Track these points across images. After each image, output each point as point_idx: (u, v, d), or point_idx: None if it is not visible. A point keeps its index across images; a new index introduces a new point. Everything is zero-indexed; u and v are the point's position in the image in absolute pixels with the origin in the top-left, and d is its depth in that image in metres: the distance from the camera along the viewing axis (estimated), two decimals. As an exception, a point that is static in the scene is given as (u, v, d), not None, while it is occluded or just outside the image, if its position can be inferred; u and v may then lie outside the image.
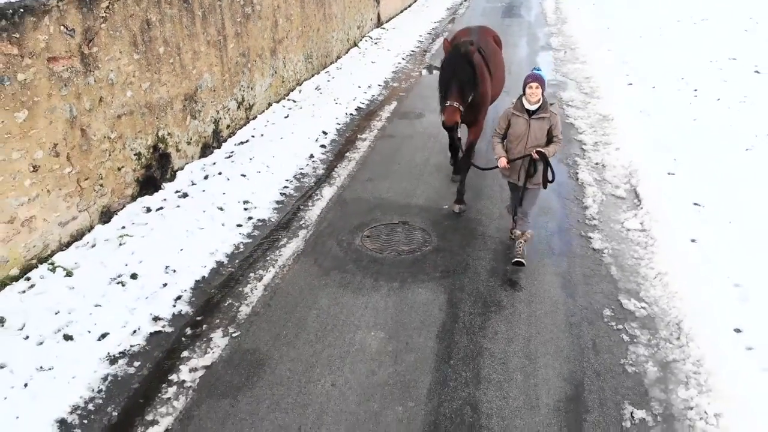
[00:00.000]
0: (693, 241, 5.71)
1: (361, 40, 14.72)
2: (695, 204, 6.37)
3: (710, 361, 4.25)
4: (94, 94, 5.65)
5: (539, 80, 5.06)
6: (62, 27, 5.22)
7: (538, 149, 5.10)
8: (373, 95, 10.75)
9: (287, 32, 10.21)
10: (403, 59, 13.39)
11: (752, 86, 9.92)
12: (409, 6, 20.41)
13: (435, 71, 10.79)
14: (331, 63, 12.55)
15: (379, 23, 16.56)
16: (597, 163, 7.73)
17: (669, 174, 7.11)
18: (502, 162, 5.29)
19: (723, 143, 7.74)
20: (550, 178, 5.23)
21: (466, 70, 5.75)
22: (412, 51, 14.21)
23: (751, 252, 5.42)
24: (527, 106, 5.12)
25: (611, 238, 5.95)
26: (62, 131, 5.30)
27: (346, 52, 13.56)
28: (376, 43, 14.72)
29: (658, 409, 3.90)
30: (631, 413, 3.85)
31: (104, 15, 5.72)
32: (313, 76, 11.52)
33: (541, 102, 5.09)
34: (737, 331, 4.52)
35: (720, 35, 13.62)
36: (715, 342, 4.41)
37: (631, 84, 10.82)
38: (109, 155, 5.94)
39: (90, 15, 5.53)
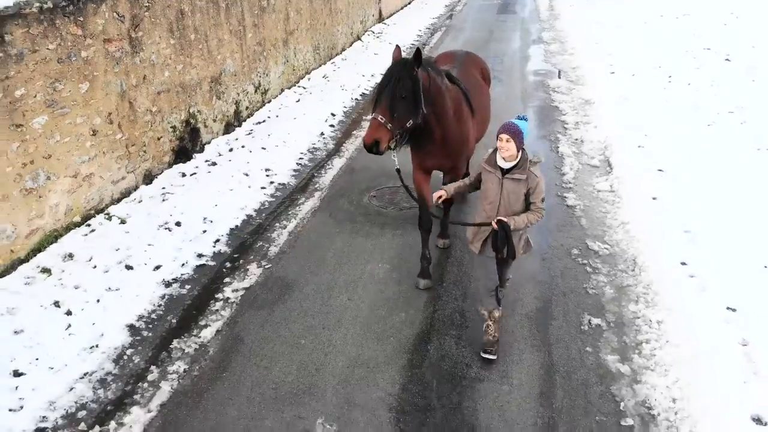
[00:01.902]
0: (654, 198, 6.66)
1: (363, 34, 15.67)
2: (659, 170, 7.31)
3: (658, 284, 5.20)
4: (139, 72, 6.60)
5: (511, 131, 3.97)
6: (115, 13, 6.17)
7: (499, 219, 4.03)
8: (376, 83, 11.67)
9: (298, 24, 11.15)
10: (403, 51, 14.30)
11: (721, 72, 10.87)
12: (409, 3, 21.35)
13: None
14: (336, 54, 13.49)
15: (380, 19, 17.50)
16: (576, 139, 8.68)
17: (639, 147, 8.04)
18: (437, 194, 4.36)
19: (689, 121, 8.69)
20: (511, 254, 4.14)
21: (407, 84, 4.41)
22: (412, 44, 15.14)
23: (702, 205, 6.36)
24: (500, 162, 4.09)
25: (583, 197, 6.90)
26: (115, 103, 6.25)
27: (350, 45, 14.51)
28: (378, 37, 15.67)
29: (611, 318, 4.85)
30: (589, 320, 4.80)
31: (147, 4, 6.66)
32: (320, 65, 12.46)
33: (518, 159, 4.04)
34: (683, 264, 5.45)
35: (699, 29, 14.57)
36: (663, 272, 5.35)
37: (613, 72, 11.76)
38: (151, 126, 6.88)
39: (136, 4, 6.47)
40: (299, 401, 3.94)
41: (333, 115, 9.72)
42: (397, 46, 5.02)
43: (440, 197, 4.35)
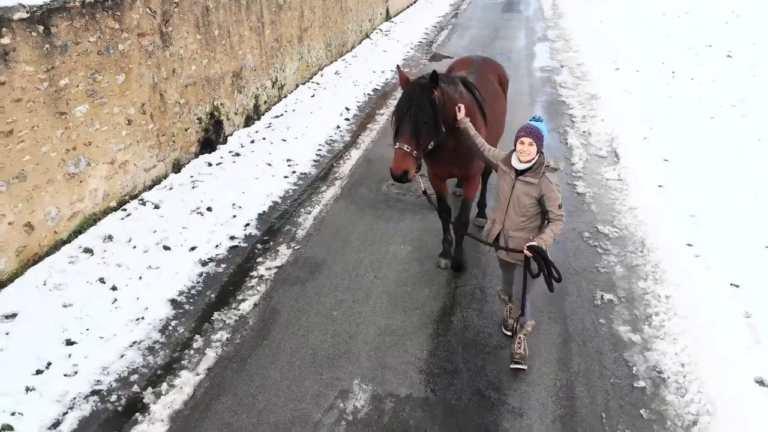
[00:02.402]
0: (660, 186, 6.98)
1: (372, 32, 15.99)
2: (665, 160, 7.63)
3: (665, 263, 5.52)
4: (169, 65, 6.92)
5: (534, 135, 3.87)
6: (148, 9, 6.48)
7: (530, 245, 3.84)
8: (387, 79, 12.01)
9: (311, 22, 11.47)
10: (412, 49, 14.65)
11: (723, 68, 11.19)
12: (415, 2, 21.67)
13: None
14: (347, 52, 13.81)
15: (387, 17, 17.82)
16: (584, 132, 9.00)
17: (644, 138, 8.36)
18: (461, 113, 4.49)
19: (692, 114, 9.01)
20: (555, 276, 3.85)
21: (426, 108, 4.38)
22: (420, 42, 15.47)
23: (706, 192, 6.68)
24: (514, 163, 4.01)
25: (592, 185, 7.21)
26: (147, 94, 6.57)
27: (360, 43, 14.82)
28: (386, 35, 15.99)
29: (622, 294, 5.16)
30: (601, 296, 5.11)
31: (176, 0, 6.98)
32: (332, 62, 12.77)
33: (533, 162, 3.93)
34: (689, 245, 5.77)
35: (701, 26, 14.89)
36: (670, 252, 5.67)
37: (618, 69, 12.08)
38: (179, 117, 7.20)
39: (167, 0, 6.79)
40: (336, 365, 4.26)
41: (347, 109, 10.04)
42: (398, 66, 5.06)
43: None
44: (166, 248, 5.65)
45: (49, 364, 4.21)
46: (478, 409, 3.90)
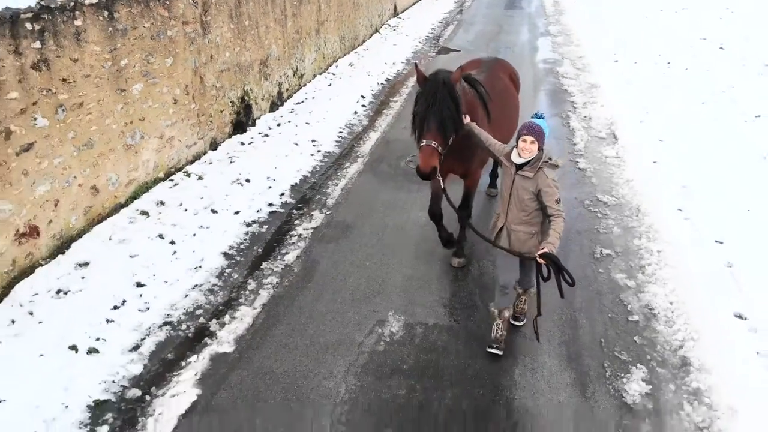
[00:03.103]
0: (654, 162, 7.66)
1: (381, 27, 16.67)
2: (659, 140, 8.32)
3: (657, 225, 6.20)
4: (207, 52, 7.60)
5: (536, 133, 3.94)
6: None
7: (543, 252, 3.82)
8: (398, 70, 12.69)
9: (327, 16, 12.16)
10: (420, 43, 15.34)
11: (715, 59, 11.88)
12: (420, -1, 22.36)
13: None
14: (358, 45, 14.50)
15: (395, 13, 18.51)
16: (585, 116, 9.67)
17: (641, 122, 9.05)
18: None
19: (685, 99, 9.70)
20: (569, 281, 3.87)
21: (448, 102, 4.43)
22: (427, 36, 16.16)
23: (696, 166, 7.36)
24: (514, 157, 4.10)
25: (593, 162, 7.90)
26: (190, 77, 7.25)
27: (370, 37, 15.51)
28: (394, 30, 16.67)
29: (619, 249, 5.84)
30: (600, 251, 5.79)
31: (214, -7, 7.67)
32: (345, 54, 13.46)
33: (532, 157, 4.00)
34: (679, 210, 6.46)
35: (696, 22, 15.58)
36: (662, 216, 6.36)
37: (617, 61, 12.77)
38: (215, 100, 7.88)
39: (206, -8, 7.48)
40: (372, 301, 4.95)
41: (363, 96, 10.71)
42: (416, 64, 5.15)
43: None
44: (214, 211, 6.34)
45: (124, 301, 4.89)
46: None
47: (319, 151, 8.26)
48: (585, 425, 3.83)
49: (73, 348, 4.34)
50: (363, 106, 10.30)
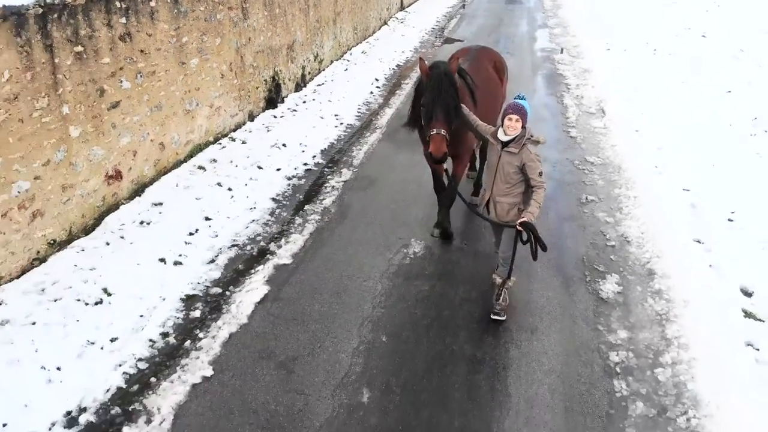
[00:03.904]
0: (636, 131, 8.78)
1: (389, 19, 17.77)
2: (642, 113, 9.43)
3: (635, 178, 7.33)
4: (247, 34, 8.71)
5: (520, 112, 4.41)
6: (234, -11, 8.29)
7: (522, 221, 4.35)
8: (407, 57, 13.81)
9: (343, 7, 13.26)
10: (426, 34, 16.45)
11: (697, 46, 13.01)
12: (424, -5, 23.43)
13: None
14: (369, 35, 15.60)
15: (401, 7, 19.61)
16: (577, 95, 10.79)
17: (627, 100, 10.17)
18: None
19: (667, 81, 10.82)
20: (542, 247, 4.39)
21: (451, 92, 4.88)
22: (432, 28, 17.27)
23: (672, 132, 8.48)
24: (500, 136, 4.55)
25: (583, 132, 9.02)
26: (233, 56, 8.36)
27: (379, 29, 16.61)
28: (402, 22, 17.78)
29: (602, 196, 6.96)
30: (586, 197, 6.92)
31: (252, -17, 8.78)
32: (357, 44, 14.56)
33: (516, 135, 4.45)
34: (655, 167, 7.57)
35: (683, 14, 16.70)
36: (639, 171, 7.48)
37: (608, 49, 13.88)
38: (252, 77, 9.00)
39: (246, -17, 8.59)
40: (397, 231, 6.07)
41: (377, 80, 11.83)
42: (421, 58, 5.47)
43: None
44: (259, 168, 7.46)
45: (197, 230, 6.01)
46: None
47: (342, 123, 9.37)
48: (568, 310, 4.95)
49: (162, 260, 5.47)
50: (377, 87, 11.41)
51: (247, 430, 3.76)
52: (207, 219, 6.21)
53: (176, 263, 5.48)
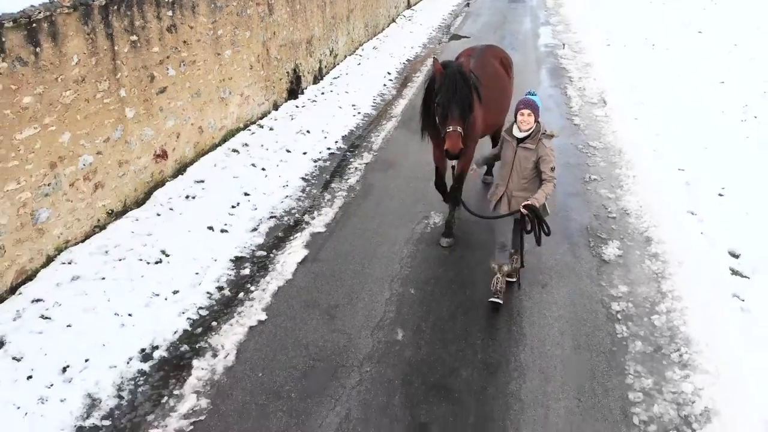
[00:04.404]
0: (636, 119, 9.40)
1: (397, 17, 18.39)
2: (641, 103, 10.05)
3: (634, 160, 7.94)
4: (272, 29, 9.33)
5: (531, 106, 4.62)
6: (260, -13, 8.91)
7: (525, 204, 4.54)
8: (417, 53, 14.43)
9: (355, 5, 13.88)
10: (433, 31, 17.07)
11: (693, 42, 13.63)
12: (430, -6, 24.05)
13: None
14: (379, 32, 16.22)
15: (408, 5, 20.23)
16: (580, 87, 11.41)
17: (626, 91, 10.78)
18: (475, 173, 5.35)
19: (664, 73, 11.44)
20: (546, 231, 4.60)
21: (465, 90, 5.10)
22: (439, 25, 17.89)
23: (669, 119, 9.10)
24: (515, 132, 4.73)
25: (585, 119, 9.64)
26: (260, 48, 8.98)
27: (388, 26, 17.22)
28: (409, 20, 18.40)
29: (604, 175, 7.58)
30: (590, 176, 7.53)
31: (276, -19, 9.40)
32: (368, 40, 15.18)
33: (531, 130, 4.66)
34: (654, 150, 8.19)
35: (681, 11, 17.32)
36: (638, 154, 8.10)
37: (609, 45, 14.49)
38: (277, 69, 9.62)
39: (271, -19, 9.21)
40: (417, 205, 6.71)
41: (389, 73, 12.45)
42: (435, 58, 5.61)
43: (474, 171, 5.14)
44: (288, 151, 8.08)
45: (238, 203, 6.63)
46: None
47: (359, 113, 9.99)
48: (574, 269, 5.57)
49: (210, 228, 6.09)
50: (390, 80, 12.03)
51: (301, 361, 4.37)
52: (246, 194, 6.83)
53: (223, 231, 6.09)
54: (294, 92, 10.30)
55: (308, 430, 3.79)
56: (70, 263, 5.23)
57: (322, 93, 10.81)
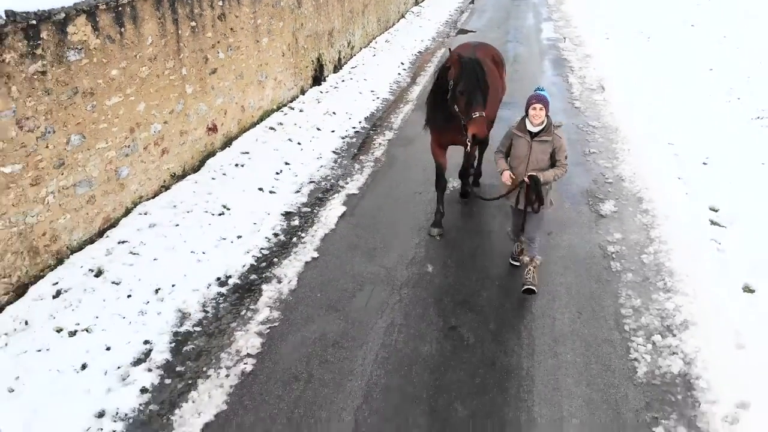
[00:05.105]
0: (631, 102, 10.32)
1: (406, 13, 19.31)
2: (636, 89, 10.97)
3: (629, 136, 8.86)
4: (300, 20, 10.25)
5: (543, 101, 4.86)
6: (290, -18, 9.83)
7: (530, 174, 4.88)
8: (427, 45, 15.35)
9: (369, 0, 14.81)
10: (441, 26, 18.00)
11: (686, 34, 14.57)
12: (435, -8, 24.96)
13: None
14: (390, 27, 17.14)
15: (416, 2, 21.16)
16: (581, 76, 12.33)
17: (624, 78, 11.71)
18: (506, 176, 5.07)
19: (658, 62, 12.37)
20: (540, 201, 4.98)
21: (484, 78, 5.36)
22: (446, 21, 18.81)
23: (661, 101, 10.02)
24: (529, 127, 4.93)
25: (585, 103, 10.56)
26: (290, 38, 9.91)
27: (398, 21, 18.15)
28: (417, 15, 19.32)
29: (602, 149, 8.50)
30: (589, 150, 8.46)
31: (304, -23, 10.33)
32: (381, 34, 16.11)
33: (544, 124, 4.93)
34: (647, 128, 9.10)
35: (675, 6, 18.26)
36: (633, 130, 9.02)
37: (608, 38, 15.41)
38: (303, 57, 10.54)
39: (299, -24, 10.14)
40: (432, 177, 7.61)
41: (402, 63, 13.37)
42: (449, 49, 5.97)
43: (509, 176, 5.05)
44: (318, 129, 9.00)
45: (281, 170, 7.55)
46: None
47: (378, 97, 10.92)
48: (575, 222, 6.49)
49: (261, 189, 7.01)
50: (404, 69, 12.96)
51: (351, 286, 5.30)
52: (286, 164, 7.75)
53: (271, 192, 7.01)
54: (318, 79, 11.22)
55: (362, 333, 4.71)
56: (145, 214, 6.16)
57: (343, 81, 11.73)
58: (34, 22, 4.79)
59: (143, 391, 4.14)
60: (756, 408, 4.03)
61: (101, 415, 3.95)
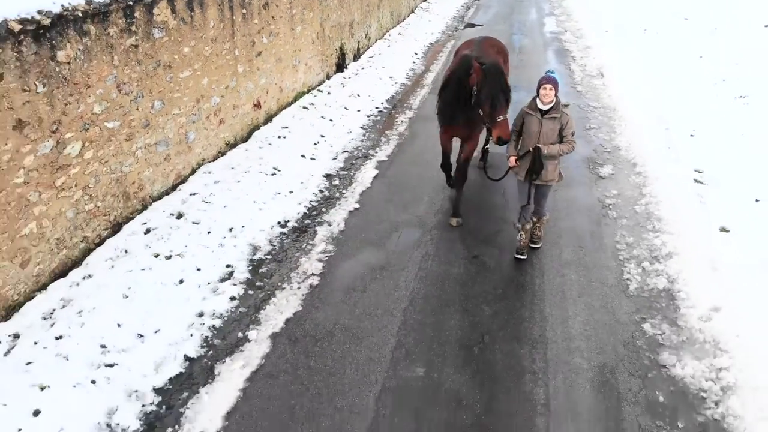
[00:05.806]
0: (628, 86, 11.33)
1: (415, 8, 20.33)
2: (632, 75, 11.98)
3: (626, 114, 9.88)
4: (326, 11, 11.27)
5: (553, 82, 5.31)
6: (319, -23, 10.84)
7: (536, 146, 5.34)
8: (437, 38, 16.37)
9: (384, -4, 15.84)
10: (449, 20, 19.02)
11: (680, 26, 15.60)
12: (441, -11, 25.97)
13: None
14: (401, 21, 18.15)
15: (424, -1, 22.18)
16: (582, 64, 13.35)
17: (621, 66, 12.72)
18: (512, 161, 5.57)
19: (654, 51, 13.38)
20: (537, 170, 5.43)
21: (505, 83, 5.73)
22: (454, 15, 19.84)
23: (655, 85, 11.04)
24: (540, 105, 5.36)
25: (586, 87, 11.58)
26: (319, 27, 10.92)
27: (408, 16, 19.16)
28: (426, 11, 20.34)
29: (601, 125, 9.51)
30: (590, 125, 9.47)
31: (330, -28, 11.34)
32: (393, 27, 17.13)
33: (553, 103, 5.34)
34: (641, 107, 10.11)
35: (670, 1, 19.29)
36: (629, 110, 10.04)
37: (607, 31, 16.44)
38: (329, 46, 11.56)
39: (326, -28, 11.15)
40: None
41: (416, 53, 14.39)
42: (473, 58, 6.01)
43: (515, 160, 5.60)
44: (346, 108, 10.02)
45: (318, 142, 8.56)
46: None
47: (396, 83, 11.93)
48: (578, 180, 7.51)
49: (303, 156, 8.03)
50: (418, 58, 13.98)
51: (389, 227, 6.34)
52: (322, 136, 8.77)
53: (312, 158, 8.03)
54: (340, 66, 12.24)
55: (402, 261, 5.74)
56: (209, 173, 7.18)
57: (362, 68, 12.75)
58: (131, 2, 5.82)
59: (232, 299, 5.17)
60: (725, 311, 5.04)
61: (201, 315, 4.97)
